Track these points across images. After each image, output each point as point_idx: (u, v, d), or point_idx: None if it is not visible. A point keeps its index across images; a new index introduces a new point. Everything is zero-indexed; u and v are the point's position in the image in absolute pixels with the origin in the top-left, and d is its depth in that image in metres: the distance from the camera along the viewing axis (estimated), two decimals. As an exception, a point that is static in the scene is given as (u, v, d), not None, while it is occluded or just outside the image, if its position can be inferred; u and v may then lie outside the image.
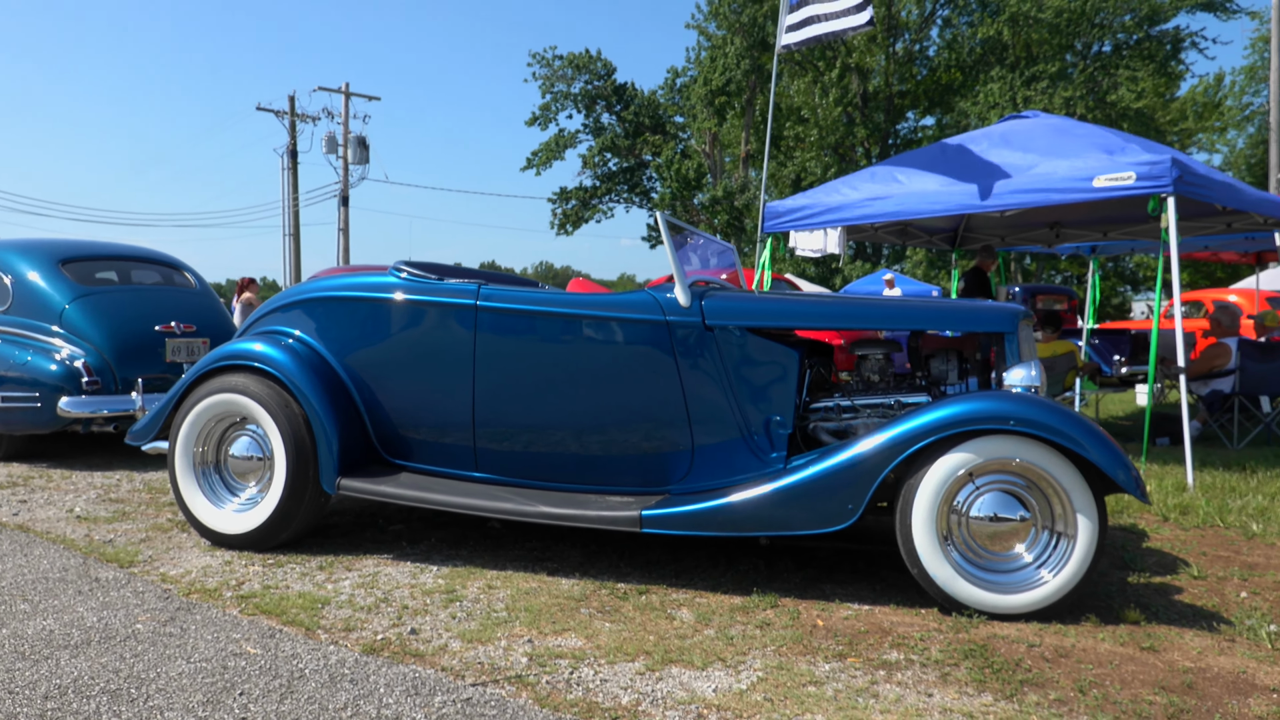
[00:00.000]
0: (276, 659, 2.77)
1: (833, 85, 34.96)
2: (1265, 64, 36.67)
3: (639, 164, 34.91)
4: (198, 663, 2.72)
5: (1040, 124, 7.22)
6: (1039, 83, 32.29)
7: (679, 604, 3.39)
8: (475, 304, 3.94)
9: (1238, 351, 7.51)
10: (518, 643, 2.95)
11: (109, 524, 4.67)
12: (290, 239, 29.42)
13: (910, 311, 3.99)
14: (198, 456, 4.23)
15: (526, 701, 2.49)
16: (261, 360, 4.11)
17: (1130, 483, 3.14)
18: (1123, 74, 32.89)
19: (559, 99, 34.79)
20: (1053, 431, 3.14)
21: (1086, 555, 3.16)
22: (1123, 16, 33.49)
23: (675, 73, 36.06)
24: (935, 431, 3.24)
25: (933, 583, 3.24)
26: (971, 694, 2.60)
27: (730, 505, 3.47)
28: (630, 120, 34.21)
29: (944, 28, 36.22)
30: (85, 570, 3.76)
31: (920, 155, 7.35)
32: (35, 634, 2.97)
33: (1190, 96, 38.73)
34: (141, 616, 3.15)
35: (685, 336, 3.77)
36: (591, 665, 2.76)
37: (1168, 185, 5.76)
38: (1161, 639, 3.04)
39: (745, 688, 2.60)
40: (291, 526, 4.06)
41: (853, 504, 3.33)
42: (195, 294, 7.61)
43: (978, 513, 3.26)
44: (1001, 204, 6.42)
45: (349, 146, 28.41)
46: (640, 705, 2.48)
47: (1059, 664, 2.82)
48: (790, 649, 2.93)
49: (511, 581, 3.65)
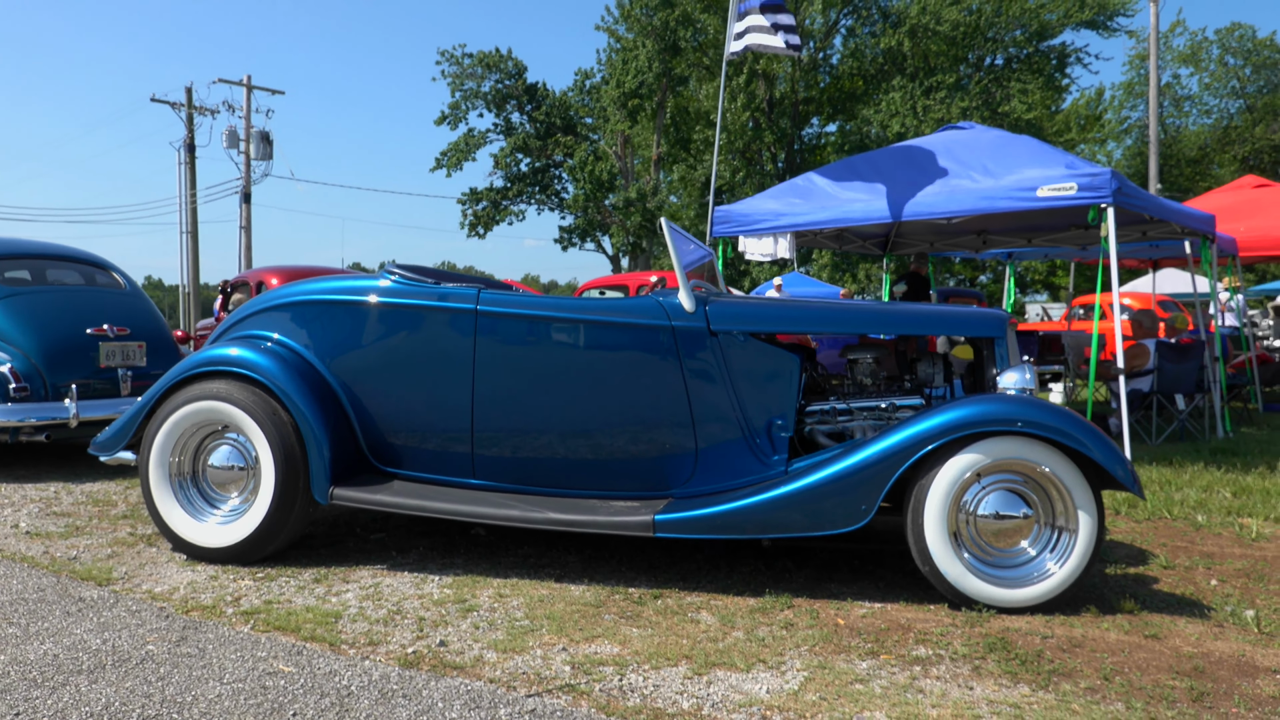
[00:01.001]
0: (315, 676, 2.68)
1: (741, 91, 35.49)
2: (1142, 80, 38.97)
3: (550, 165, 34.75)
4: (232, 684, 2.62)
5: (979, 135, 7.52)
6: (938, 93, 33.49)
7: (696, 607, 3.42)
8: (475, 308, 3.89)
9: (1155, 353, 7.97)
10: (553, 651, 2.93)
11: (64, 539, 4.43)
12: (188, 237, 28.26)
13: (903, 316, 4.11)
14: (173, 467, 4.05)
15: (590, 710, 2.48)
16: (245, 366, 3.96)
17: (1128, 478, 3.31)
18: (1014, 86, 34.38)
19: (469, 98, 34.34)
20: (1058, 432, 3.29)
21: (1087, 549, 3.32)
22: (1014, 31, 35.05)
23: (586, 74, 36.07)
24: (947, 433, 3.35)
25: (944, 579, 3.36)
26: (1008, 685, 2.71)
27: (745, 508, 3.52)
28: (541, 121, 34.02)
29: (848, 37, 37.20)
30: (64, 589, 3.56)
31: (868, 162, 7.56)
32: (39, 659, 2.80)
33: (1074, 109, 40.79)
34: (149, 637, 3.01)
35: (690, 341, 3.80)
36: (636, 672, 2.77)
37: (1107, 196, 6.08)
38: (1159, 627, 3.22)
39: (795, 688, 2.65)
40: (280, 538, 3.92)
41: (866, 505, 3.42)
42: (125, 295, 7.25)
43: (984, 511, 3.39)
44: (952, 210, 6.67)
45: (251, 141, 27.43)
46: (702, 710, 2.50)
47: (1076, 654, 2.96)
48: (822, 648, 2.99)
49: (521, 589, 3.62)
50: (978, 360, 4.11)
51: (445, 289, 3.96)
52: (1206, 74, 38.45)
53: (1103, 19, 34.80)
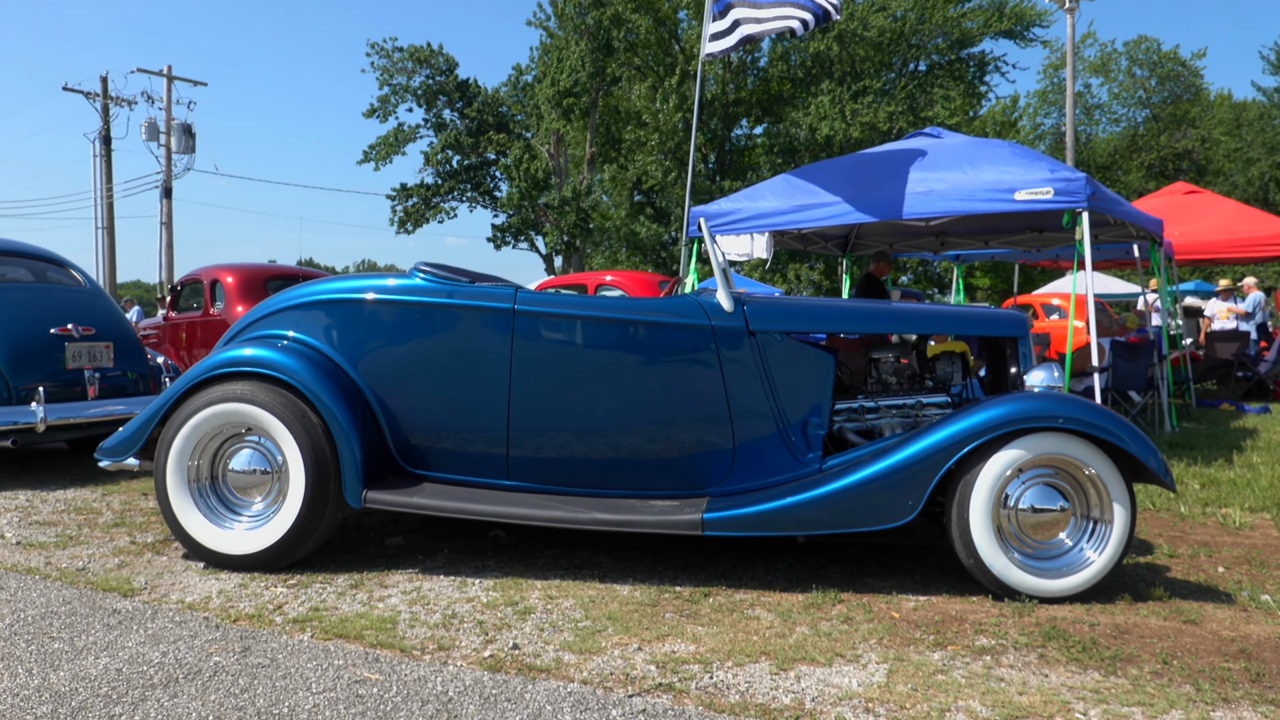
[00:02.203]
0: (405, 683, 2.63)
1: (672, 91, 35.70)
2: (1055, 88, 40.48)
3: (482, 162, 34.39)
4: (323, 694, 2.55)
5: (950, 141, 7.73)
6: (865, 97, 34.26)
7: (749, 604, 3.45)
8: (513, 308, 3.86)
9: (1110, 351, 8.32)
10: (629, 651, 2.94)
11: (62, 550, 4.24)
12: (104, 232, 27.13)
13: (927, 316, 4.21)
14: (192, 472, 3.91)
15: (698, 709, 2.49)
16: (271, 367, 3.85)
17: (1161, 470, 3.47)
18: (937, 92, 35.38)
19: (398, 92, 33.71)
20: (1098, 428, 3.43)
21: (1121, 539, 3.47)
22: (936, 39, 36.07)
23: (519, 70, 35.78)
24: (992, 430, 3.46)
25: (988, 572, 3.46)
26: (1078, 672, 2.81)
27: (792, 505, 3.57)
28: (473, 118, 33.62)
29: (777, 41, 37.71)
30: (91, 602, 3.41)
31: (844, 165, 7.71)
32: (102, 674, 2.69)
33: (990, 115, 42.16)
34: (209, 649, 2.90)
35: (729, 341, 3.84)
36: (722, 669, 2.79)
37: (1082, 201, 6.33)
38: (1192, 613, 3.38)
39: (883, 680, 2.71)
40: (309, 543, 3.83)
41: (913, 500, 3.51)
42: (87, 293, 6.94)
43: (1025, 505, 3.50)
44: (932, 212, 6.85)
45: (173, 134, 26.47)
46: (804, 704, 2.54)
47: (1127, 640, 3.09)
48: (889, 641, 3.06)
49: (567, 590, 3.60)
50: (1000, 359, 4.24)
51: (481, 288, 3.91)
52: (1115, 84, 40.19)
53: (1020, 29, 36.06)
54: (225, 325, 9.37)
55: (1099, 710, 2.53)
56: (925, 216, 6.96)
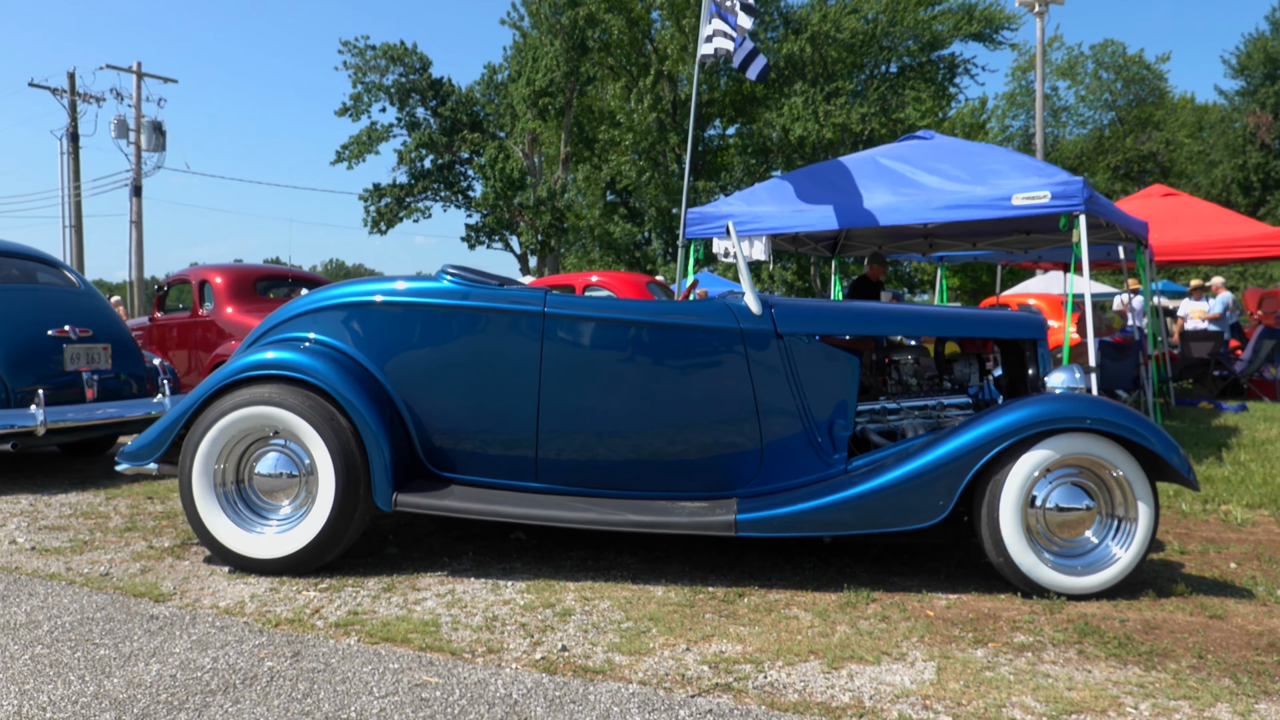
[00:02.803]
0: (466, 685, 2.64)
1: (647, 91, 35.76)
2: (1023, 90, 41.04)
3: (456, 162, 34.23)
4: (385, 698, 2.55)
5: (944, 145, 7.84)
6: (837, 98, 34.52)
7: (784, 604, 3.50)
8: (543, 310, 3.87)
9: (1098, 351, 8.47)
10: (678, 652, 2.96)
11: (77, 554, 4.19)
12: (71, 231, 26.65)
13: (952, 319, 4.28)
14: (218, 476, 3.88)
15: (761, 708, 2.53)
16: (299, 370, 3.83)
17: (1185, 469, 3.56)
18: (909, 94, 35.74)
19: (371, 90, 33.49)
20: (1124, 428, 3.51)
21: (1145, 537, 3.55)
22: (907, 41, 36.44)
23: (492, 69, 35.68)
24: (1020, 431, 3.52)
25: (1017, 570, 3.53)
26: (1119, 667, 2.88)
27: (825, 506, 3.62)
28: (447, 116, 33.45)
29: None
30: (126, 607, 3.38)
31: (839, 168, 7.77)
32: (157, 681, 2.67)
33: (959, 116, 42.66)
34: (260, 653, 2.89)
35: (758, 343, 3.88)
36: (774, 669, 2.83)
37: (1079, 204, 6.44)
38: (1215, 608, 3.47)
39: (933, 677, 2.76)
40: (338, 547, 3.82)
41: (944, 500, 3.57)
42: (81, 294, 6.85)
43: (1052, 504, 3.58)
44: (928, 218, 6.93)
45: (143, 132, 26.08)
46: (863, 702, 2.58)
47: (1159, 635, 3.17)
48: (930, 639, 3.11)
49: (601, 591, 3.62)
50: (1019, 360, 4.31)
51: (511, 291, 3.92)
52: (1082, 86, 40.84)
53: (989, 32, 36.53)
54: (214, 326, 9.28)
55: (1148, 704, 2.59)
56: (924, 221, 7.04)
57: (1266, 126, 36.28)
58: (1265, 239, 10.63)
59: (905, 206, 6.98)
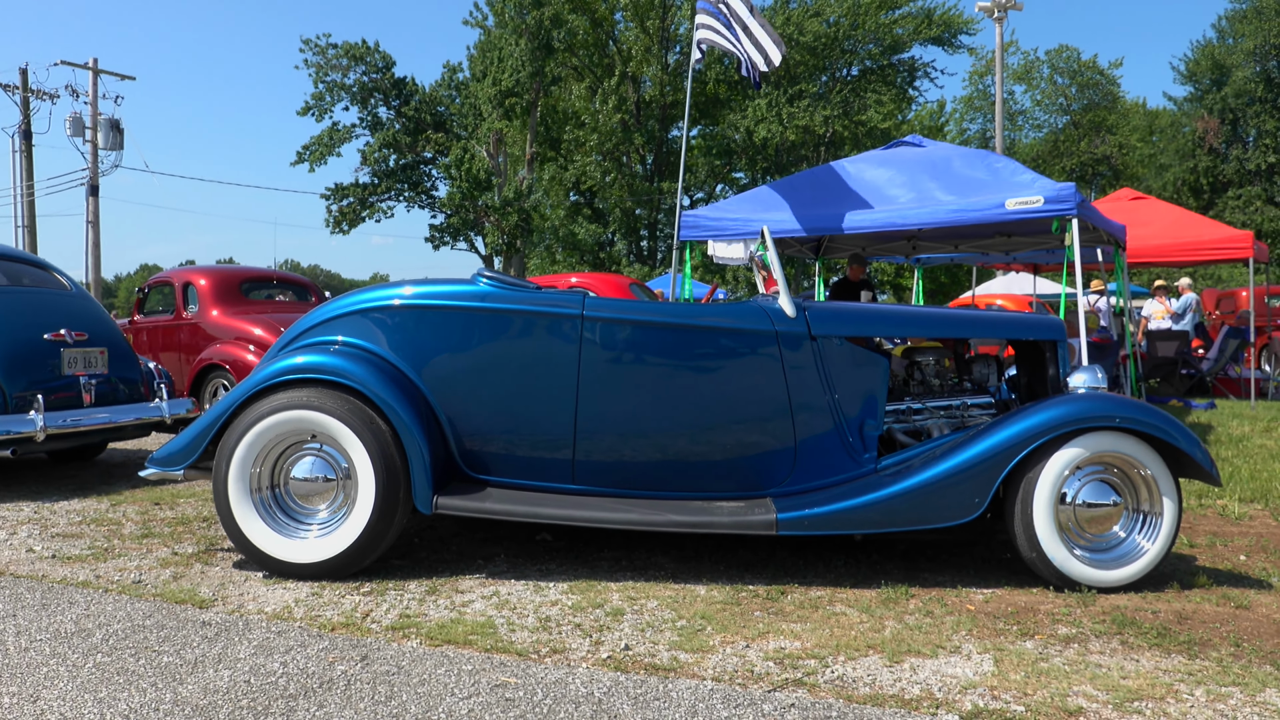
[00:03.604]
0: (546, 686, 2.67)
1: (611, 92, 35.80)
2: (980, 94, 41.74)
3: (420, 162, 33.96)
4: (469, 699, 2.58)
5: (935, 151, 7.99)
6: (801, 101, 34.84)
7: (828, 601, 3.57)
8: (581, 314, 3.90)
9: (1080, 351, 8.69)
10: (739, 649, 3.02)
11: (101, 561, 4.14)
12: (24, 231, 26.00)
13: (972, 321, 4.39)
14: (254, 481, 3.86)
15: (838, 702, 2.59)
16: (336, 373, 3.83)
17: (1208, 464, 3.70)
18: (870, 97, 36.19)
19: (333, 89, 33.06)
20: (1153, 427, 3.63)
21: (1170, 531, 3.68)
22: (868, 45, 36.90)
23: (452, 69, 35.42)
24: (1053, 429, 3.64)
25: (1050, 564, 3.64)
26: (1163, 656, 3.00)
27: (865, 504, 3.70)
28: (410, 116, 33.16)
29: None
30: (172, 614, 3.36)
31: (833, 173, 7.90)
32: (232, 687, 2.66)
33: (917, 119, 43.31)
34: (328, 658, 2.90)
35: (792, 345, 3.95)
36: (837, 664, 2.89)
37: (1072, 209, 6.62)
38: (1239, 598, 3.61)
39: (994, 669, 2.85)
40: (377, 551, 3.81)
41: (979, 498, 3.67)
42: (74, 297, 6.73)
43: (1081, 500, 3.69)
44: (924, 221, 7.07)
45: (99, 130, 25.52)
46: (934, 693, 2.66)
47: (1193, 626, 3.29)
48: (979, 632, 3.20)
49: (646, 592, 3.67)
50: (1039, 361, 4.44)
51: (549, 293, 3.95)
52: (1038, 91, 41.68)
53: (948, 36, 37.14)
54: (199, 330, 9.15)
55: (1202, 691, 2.70)
56: (921, 224, 7.18)
57: (1214, 131, 37.33)
58: (1231, 241, 10.98)
59: (903, 210, 7.11)
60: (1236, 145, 37.51)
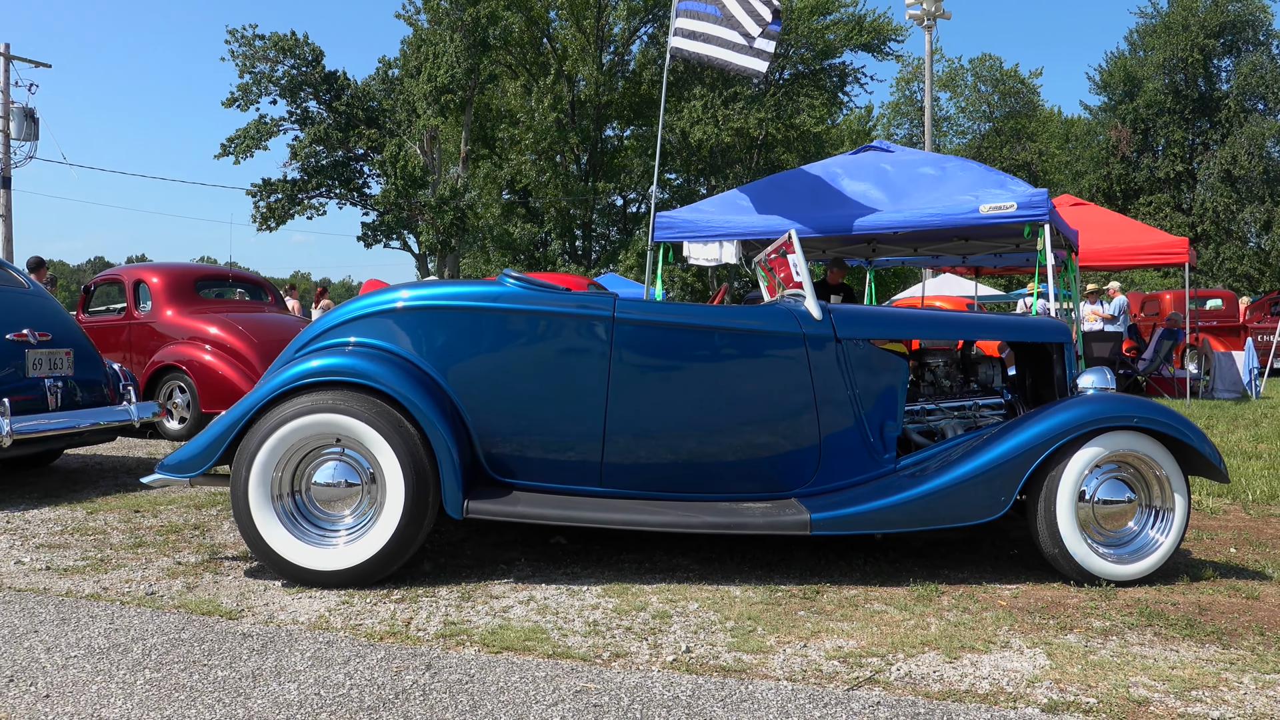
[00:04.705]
0: (628, 690, 2.66)
1: (547, 91, 35.63)
2: (907, 100, 42.74)
3: (351, 158, 33.27)
4: (556, 706, 2.55)
5: (905, 156, 8.17)
6: (735, 103, 35.19)
7: (864, 600, 3.62)
8: (613, 316, 3.89)
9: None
10: (798, 649, 3.05)
11: (101, 573, 3.97)
12: (-70, 224, 24.65)
13: (985, 324, 4.50)
14: (274, 488, 3.75)
15: (916, 698, 2.64)
16: (363, 376, 3.74)
17: (1218, 461, 3.86)
18: (803, 101, 36.77)
19: (260, 81, 32.18)
20: (1168, 426, 3.78)
21: (1181, 526, 3.84)
22: (801, 49, 37.48)
23: (387, 64, 34.81)
24: (1075, 429, 3.76)
25: (1072, 559, 3.76)
26: (1198, 646, 3.12)
27: (897, 503, 3.77)
28: (342, 112, 32.47)
29: (649, 44, 38.22)
30: (209, 627, 3.24)
31: (807, 175, 8.01)
32: (304, 699, 2.58)
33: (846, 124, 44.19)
34: (392, 667, 2.83)
35: (818, 347, 4.00)
36: (899, 661, 2.94)
37: (1044, 214, 6.84)
38: (1245, 589, 3.78)
39: (1049, 663, 2.93)
40: (405, 557, 3.74)
41: (1005, 496, 3.77)
42: (32, 295, 6.43)
43: (1100, 497, 3.83)
44: (900, 223, 7.23)
45: (12, 119, 24.34)
46: (1004, 687, 2.73)
47: (1214, 616, 3.44)
48: (1020, 627, 3.29)
49: (682, 594, 3.67)
50: (1043, 362, 4.57)
51: (579, 295, 3.93)
52: (962, 98, 42.88)
53: (877, 42, 37.97)
54: (151, 330, 8.83)
55: (1249, 678, 2.83)
56: (893, 228, 7.33)
57: (1126, 140, 38.92)
58: (1168, 247, 11.48)
59: (879, 213, 7.25)
60: (1147, 154, 39.19)
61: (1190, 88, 38.29)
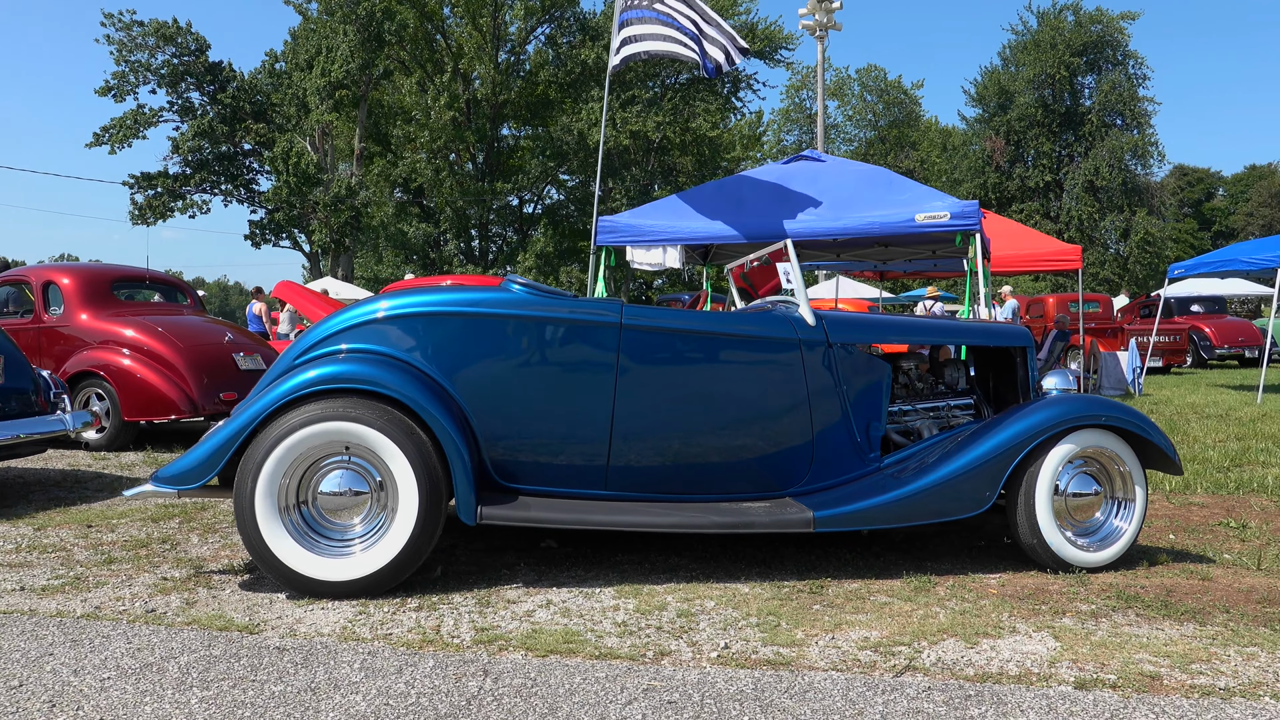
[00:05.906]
0: (694, 686, 2.75)
1: (443, 89, 35.12)
2: (796, 107, 43.92)
3: (239, 153, 32.01)
4: (630, 705, 2.62)
5: (836, 166, 8.50)
6: (633, 106, 35.48)
7: (867, 593, 3.81)
8: (620, 322, 3.97)
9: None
10: (825, 640, 3.20)
11: (86, 591, 3.83)
12: None
13: (955, 330, 4.77)
14: (281, 498, 3.68)
15: (961, 683, 2.82)
16: (374, 383, 3.71)
17: (1173, 454, 4.22)
18: (699, 105, 37.38)
19: (137, 70, 30.64)
20: (1133, 424, 4.11)
21: (1141, 514, 4.18)
22: (696, 54, 38.01)
23: (274, 57, 33.66)
24: (1052, 428, 4.04)
25: (1049, 549, 4.04)
26: (1179, 625, 3.43)
27: (894, 499, 3.97)
28: (227, 104, 31.22)
29: (547, 45, 38.11)
30: (238, 642, 3.17)
31: (745, 183, 8.24)
32: (375, 712, 2.58)
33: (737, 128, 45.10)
34: (451, 675, 2.84)
35: (813, 352, 4.18)
36: (924, 649, 3.13)
37: (975, 224, 7.25)
38: (1201, 572, 4.13)
39: (1060, 644, 3.17)
40: (417, 564, 3.73)
41: (989, 491, 4.03)
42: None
43: (1071, 491, 4.13)
44: (838, 230, 7.52)
45: None
46: (1030, 669, 2.94)
47: (1181, 597, 3.76)
48: (1020, 613, 3.53)
49: (695, 592, 3.79)
50: (1006, 365, 4.87)
51: (586, 302, 3.99)
52: (849, 107, 44.37)
53: (769, 50, 38.92)
54: (63, 334, 8.38)
55: (1233, 651, 3.13)
56: (831, 235, 7.63)
57: (1000, 150, 41.07)
58: (1062, 254, 12.25)
59: (818, 219, 7.53)
60: (1019, 164, 41.43)
61: (1057, 102, 40.70)
